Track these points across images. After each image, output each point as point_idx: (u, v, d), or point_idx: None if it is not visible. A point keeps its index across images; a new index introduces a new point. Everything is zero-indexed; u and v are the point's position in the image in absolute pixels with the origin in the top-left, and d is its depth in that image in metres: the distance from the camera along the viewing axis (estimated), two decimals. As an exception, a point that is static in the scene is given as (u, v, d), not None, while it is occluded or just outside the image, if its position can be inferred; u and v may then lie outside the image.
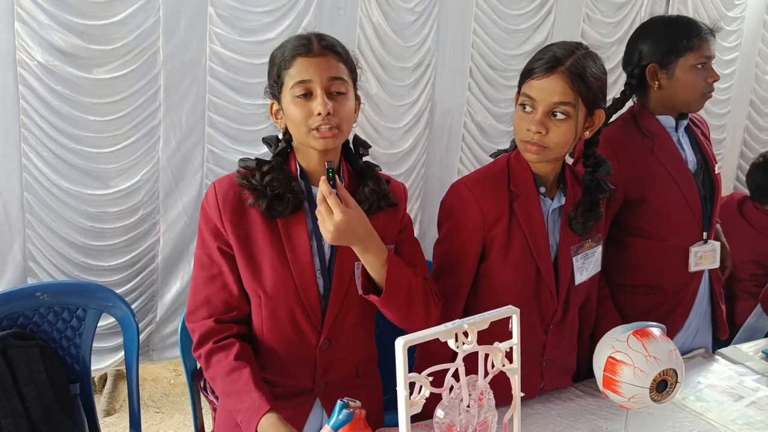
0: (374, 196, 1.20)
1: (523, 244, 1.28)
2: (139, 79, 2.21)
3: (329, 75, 1.11)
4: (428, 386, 0.86)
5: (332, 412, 1.00)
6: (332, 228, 1.06)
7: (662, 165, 1.49)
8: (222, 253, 1.18)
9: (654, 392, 1.08)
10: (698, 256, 1.53)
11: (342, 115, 1.11)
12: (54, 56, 2.07)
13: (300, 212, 1.18)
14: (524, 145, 1.21)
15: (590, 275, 1.37)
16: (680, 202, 1.50)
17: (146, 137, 2.30)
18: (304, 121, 1.10)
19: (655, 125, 1.52)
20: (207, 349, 1.18)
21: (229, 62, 2.32)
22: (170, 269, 2.50)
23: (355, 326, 1.24)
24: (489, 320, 0.92)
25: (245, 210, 1.17)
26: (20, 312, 1.69)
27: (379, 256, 1.13)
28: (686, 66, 1.46)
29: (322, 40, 1.14)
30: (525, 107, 1.20)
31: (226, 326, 1.19)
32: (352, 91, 1.16)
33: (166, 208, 2.41)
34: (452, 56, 2.81)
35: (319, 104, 1.08)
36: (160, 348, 2.57)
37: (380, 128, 2.73)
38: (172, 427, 2.72)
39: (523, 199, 1.27)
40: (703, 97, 1.50)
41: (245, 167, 1.18)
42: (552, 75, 1.16)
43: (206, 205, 1.19)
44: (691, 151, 1.55)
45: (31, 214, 2.22)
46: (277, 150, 1.21)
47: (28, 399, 1.57)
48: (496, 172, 1.31)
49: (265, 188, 1.14)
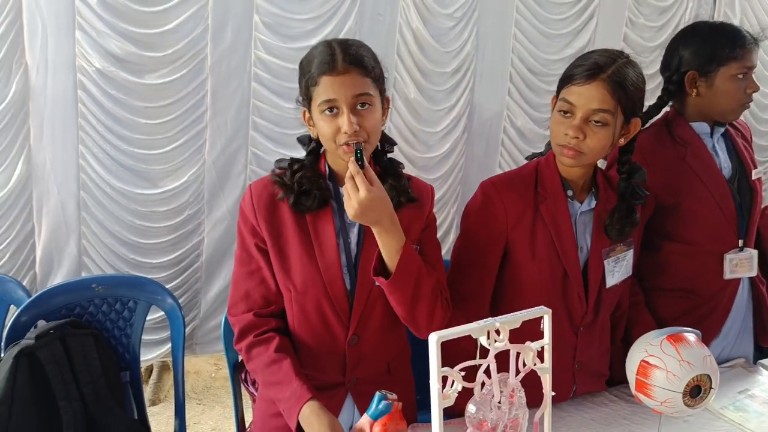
0: (393, 192, 1.23)
1: (549, 247, 1.30)
2: (187, 84, 2.31)
3: (354, 92, 1.14)
4: (460, 380, 0.90)
5: (370, 403, 1.05)
6: (356, 204, 1.10)
7: (694, 172, 1.49)
8: (259, 250, 1.25)
9: (687, 397, 1.08)
10: (733, 264, 1.51)
11: (369, 128, 1.16)
12: (110, 62, 2.18)
13: (327, 210, 1.23)
14: (560, 149, 1.24)
15: (621, 279, 1.38)
16: (713, 209, 1.48)
17: (193, 140, 2.39)
18: (333, 137, 1.16)
19: (689, 133, 1.51)
20: (248, 342, 1.25)
21: (273, 68, 2.40)
22: (213, 267, 2.59)
23: (382, 322, 1.28)
24: (521, 319, 0.94)
25: (278, 209, 1.24)
26: (77, 302, 1.80)
27: (396, 241, 1.16)
28: (727, 75, 1.44)
29: (347, 55, 1.15)
30: (564, 112, 1.22)
31: (265, 320, 1.26)
32: (379, 100, 1.19)
33: (210, 208, 2.51)
34: (492, 61, 2.81)
35: (346, 123, 1.13)
36: (203, 342, 2.67)
37: (418, 132, 2.76)
38: (212, 418, 2.82)
39: (550, 202, 1.30)
40: (740, 108, 1.48)
41: (280, 167, 1.25)
42: (593, 82, 1.18)
43: (243, 206, 1.27)
44: (727, 157, 1.53)
45: (86, 212, 2.34)
46: (309, 149, 1.27)
47: (82, 384, 1.67)
48: (525, 174, 1.35)
49: (294, 184, 1.21)
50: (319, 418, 1.12)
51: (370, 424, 1.06)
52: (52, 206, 2.29)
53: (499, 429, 0.98)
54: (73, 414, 1.63)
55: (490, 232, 1.33)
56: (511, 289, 1.36)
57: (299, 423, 1.15)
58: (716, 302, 1.55)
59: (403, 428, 1.07)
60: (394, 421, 1.05)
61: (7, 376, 1.57)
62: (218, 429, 2.75)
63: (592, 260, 1.33)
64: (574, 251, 1.31)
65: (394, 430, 1.05)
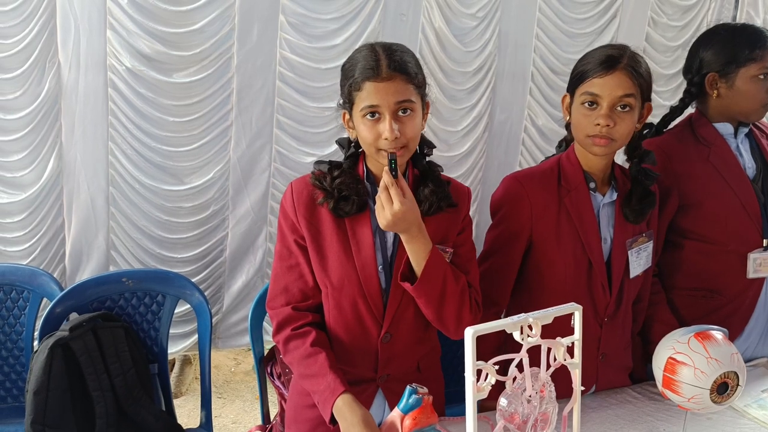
0: (434, 197, 1.26)
1: (574, 238, 1.34)
2: (214, 82, 2.34)
3: (396, 99, 1.16)
4: (494, 374, 0.92)
5: (401, 397, 1.07)
6: (390, 215, 1.14)
7: (718, 172, 1.50)
8: (298, 246, 1.28)
9: (714, 394, 1.10)
10: (757, 263, 1.51)
11: (409, 135, 1.18)
12: (140, 61, 2.23)
13: (365, 212, 1.25)
14: (591, 140, 1.27)
15: (644, 269, 1.42)
16: (737, 209, 1.49)
17: (219, 137, 2.43)
18: (374, 143, 1.18)
19: (712, 133, 1.52)
20: (285, 335, 1.28)
21: (298, 67, 2.43)
22: (237, 263, 2.63)
23: (415, 321, 1.30)
24: (553, 315, 0.97)
25: (317, 207, 1.27)
26: (108, 296, 1.85)
27: (423, 247, 1.20)
28: (747, 76, 1.45)
29: (392, 62, 1.16)
30: (590, 104, 1.26)
31: (303, 314, 1.29)
32: (420, 106, 1.21)
33: (234, 205, 2.55)
34: (513, 60, 2.81)
35: (387, 130, 1.15)
36: (226, 336, 2.71)
37: (438, 131, 2.77)
38: (233, 412, 2.86)
39: (574, 194, 1.34)
40: (763, 108, 1.49)
41: (319, 170, 1.27)
42: (614, 71, 1.24)
43: (284, 203, 1.30)
44: (751, 157, 1.54)
45: (114, 208, 2.39)
46: (348, 153, 1.29)
47: (113, 375, 1.72)
48: (547, 169, 1.39)
49: (334, 190, 1.24)
50: (352, 411, 1.15)
51: (401, 417, 1.08)
52: (82, 201, 2.35)
53: (530, 423, 1.00)
54: (105, 404, 1.68)
55: (514, 224, 1.37)
56: (536, 282, 1.40)
57: (333, 415, 1.18)
58: (739, 302, 1.55)
59: (434, 421, 1.09)
60: (424, 414, 1.07)
61: (43, 366, 1.62)
62: (239, 422, 2.79)
63: (616, 251, 1.36)
64: (599, 243, 1.35)
65: (424, 423, 1.07)
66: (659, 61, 3.08)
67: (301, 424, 1.34)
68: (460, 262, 1.30)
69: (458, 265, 1.29)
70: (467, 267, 1.31)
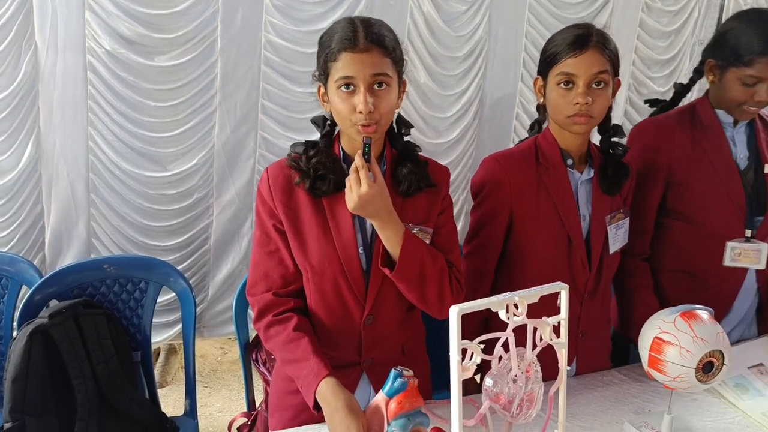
0: (412, 177, 1.24)
1: (553, 215, 1.35)
2: (197, 66, 2.31)
3: (372, 71, 1.13)
4: (479, 353, 0.91)
5: (386, 380, 1.06)
6: (356, 198, 1.13)
7: (707, 157, 1.49)
8: (277, 231, 1.26)
9: (700, 373, 1.09)
10: (736, 252, 1.50)
11: (383, 110, 1.15)
12: (120, 44, 2.18)
13: (344, 192, 1.23)
14: (571, 119, 1.29)
15: (620, 245, 1.44)
16: (721, 194, 1.49)
17: (202, 123, 2.40)
18: (348, 116, 1.15)
19: (711, 118, 1.51)
20: (266, 321, 1.25)
21: (283, 51, 2.39)
22: (222, 251, 2.60)
23: (397, 303, 1.29)
24: (539, 294, 0.95)
25: (294, 191, 1.24)
26: (89, 282, 1.81)
27: (395, 232, 1.18)
28: (735, 76, 1.41)
29: (369, 33, 1.14)
30: (565, 84, 1.28)
31: (284, 300, 1.26)
32: (396, 82, 1.19)
33: (219, 192, 2.52)
34: (504, 46, 2.80)
35: (361, 102, 1.12)
36: (211, 325, 2.69)
37: (428, 118, 2.76)
38: (219, 401, 2.84)
39: (552, 172, 1.36)
40: (738, 108, 1.44)
41: (296, 152, 1.25)
42: (587, 50, 1.26)
43: (261, 188, 1.27)
44: (745, 148, 1.52)
45: (95, 195, 2.35)
46: (323, 131, 1.27)
47: (95, 363, 1.68)
48: (524, 148, 1.40)
49: (309, 170, 1.21)
50: (335, 395, 1.13)
51: (386, 401, 1.06)
52: (61, 188, 2.31)
53: (516, 402, 0.99)
54: (86, 392, 1.65)
55: (495, 203, 1.37)
56: (517, 260, 1.40)
57: (316, 400, 1.16)
58: (718, 290, 1.54)
59: (420, 405, 1.07)
60: (410, 398, 1.05)
61: (21, 354, 1.58)
62: (225, 411, 2.77)
63: (594, 227, 1.38)
64: (577, 219, 1.37)
65: (409, 406, 1.05)
66: (653, 46, 3.08)
67: (284, 410, 1.32)
68: (441, 243, 1.28)
69: (440, 245, 1.28)
70: (449, 247, 1.29)
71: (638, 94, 3.12)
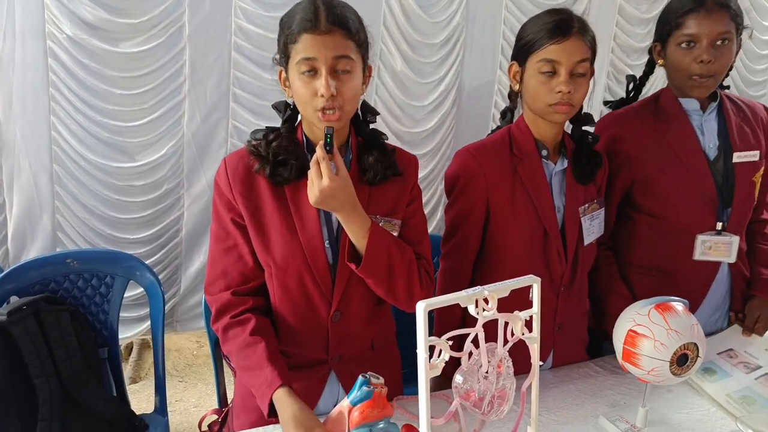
0: (379, 165, 1.20)
1: (528, 206, 1.32)
2: (165, 53, 2.23)
3: (335, 54, 1.09)
4: (447, 350, 0.87)
5: (353, 386, 1.01)
6: (317, 192, 1.08)
7: (674, 150, 1.44)
8: (236, 225, 1.20)
9: (674, 366, 1.08)
10: (706, 246, 1.45)
11: (346, 95, 1.10)
12: (82, 29, 2.10)
13: (306, 182, 1.17)
14: (553, 108, 1.25)
15: (596, 237, 1.42)
16: (689, 188, 1.43)
17: (171, 112, 2.32)
18: (309, 101, 1.10)
19: (675, 108, 1.45)
20: (224, 323, 1.20)
21: (254, 37, 2.32)
22: (194, 243, 2.54)
23: (365, 298, 1.25)
24: (509, 288, 0.92)
25: (254, 182, 1.19)
26: (51, 278, 1.74)
27: (361, 226, 1.14)
28: (674, 45, 1.38)
29: (331, 14, 1.10)
30: (548, 72, 1.23)
31: (242, 299, 1.21)
32: (360, 67, 1.14)
33: (190, 182, 2.45)
34: (482, 33, 2.76)
35: (323, 86, 1.08)
36: (184, 320, 2.63)
37: (405, 106, 2.71)
38: (194, 395, 2.79)
39: (526, 163, 1.32)
40: (691, 80, 1.38)
41: (256, 138, 1.20)
42: (570, 37, 1.22)
43: (218, 180, 1.21)
44: (715, 137, 1.45)
45: (60, 186, 2.27)
46: (285, 117, 1.21)
47: (59, 360, 1.62)
48: (498, 139, 1.36)
49: (269, 155, 1.16)
50: (285, 407, 1.08)
51: (349, 409, 1.01)
52: (23, 180, 2.22)
53: (486, 399, 0.96)
54: (49, 390, 1.59)
55: (471, 198, 1.34)
56: (493, 253, 1.37)
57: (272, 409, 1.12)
58: (688, 287, 1.48)
59: (388, 414, 1.01)
60: (375, 407, 0.99)
61: (-22, 353, 1.52)
62: (200, 406, 2.72)
63: (568, 218, 1.35)
64: (552, 210, 1.34)
65: (374, 416, 0.99)
66: (632, 33, 3.06)
67: (249, 412, 1.26)
68: (410, 234, 1.24)
69: (408, 237, 1.24)
70: (418, 238, 1.25)
71: (617, 82, 3.10)
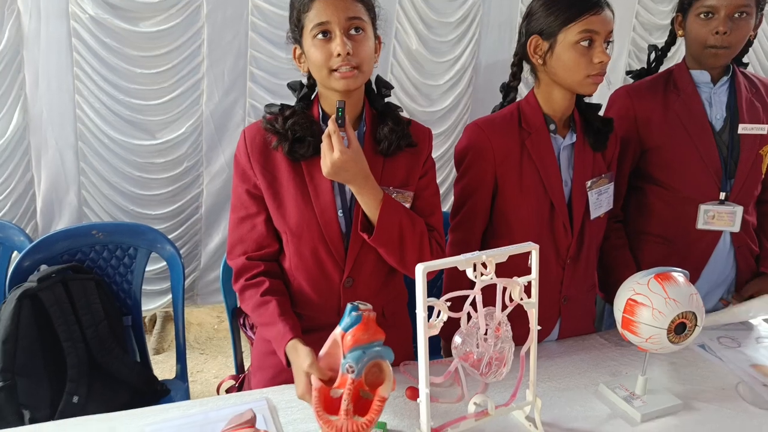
0: (393, 135, 1.22)
1: (536, 180, 1.34)
2: (183, 33, 2.28)
3: (347, 15, 1.12)
4: (446, 310, 0.91)
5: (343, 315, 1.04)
6: (329, 164, 1.11)
7: (680, 121, 1.48)
8: (250, 196, 1.25)
9: (672, 334, 1.10)
10: (709, 215, 1.49)
11: (362, 54, 1.13)
12: (103, 9, 2.15)
13: None
14: (591, 79, 1.26)
15: (605, 211, 1.43)
16: (695, 158, 1.47)
17: (190, 90, 2.38)
18: (325, 63, 1.13)
19: (686, 80, 1.50)
20: (240, 285, 1.28)
21: (271, 16, 2.35)
22: (213, 219, 2.61)
23: (377, 266, 1.29)
24: (507, 253, 0.96)
25: (272, 153, 1.23)
26: (78, 248, 1.82)
27: (374, 198, 1.17)
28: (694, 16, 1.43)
29: None
30: (587, 42, 1.24)
31: (256, 264, 1.28)
32: (371, 31, 1.18)
33: (209, 160, 2.51)
34: (499, 11, 2.73)
35: (339, 45, 1.11)
36: (204, 293, 2.71)
37: (420, 85, 2.72)
38: (215, 367, 2.89)
39: (534, 137, 1.34)
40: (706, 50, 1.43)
41: (270, 113, 1.24)
42: (604, 9, 1.25)
43: (238, 151, 1.26)
44: (722, 109, 1.49)
45: (85, 163, 2.35)
46: (300, 95, 1.25)
47: (85, 326, 1.71)
48: (507, 114, 1.39)
49: (287, 132, 1.20)
50: (295, 357, 1.16)
51: (342, 335, 1.03)
52: (50, 156, 2.30)
53: (485, 361, 1.00)
54: (76, 354, 1.68)
55: (479, 171, 1.36)
56: (500, 226, 1.40)
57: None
58: (688, 253, 1.53)
59: (380, 338, 1.02)
60: (366, 331, 1.01)
61: (11, 316, 1.60)
62: (220, 377, 2.82)
63: (576, 192, 1.37)
64: (560, 183, 1.36)
65: (366, 339, 1.01)
66: (655, 11, 3.02)
67: (265, 370, 1.34)
68: (422, 206, 1.28)
69: (420, 208, 1.27)
70: (430, 209, 1.29)
71: (638, 60, 3.07)
